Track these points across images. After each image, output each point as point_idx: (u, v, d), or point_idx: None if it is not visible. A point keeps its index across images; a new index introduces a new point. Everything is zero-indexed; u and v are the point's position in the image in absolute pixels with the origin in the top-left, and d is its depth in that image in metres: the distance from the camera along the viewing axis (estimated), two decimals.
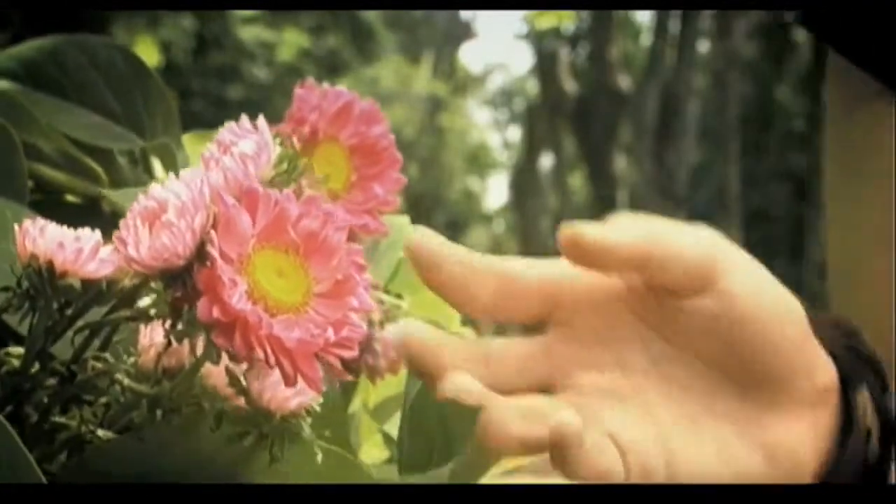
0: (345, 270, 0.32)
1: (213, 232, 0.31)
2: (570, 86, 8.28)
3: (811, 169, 6.19)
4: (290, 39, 8.96)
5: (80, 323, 0.37)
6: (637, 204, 7.35)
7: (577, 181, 10.09)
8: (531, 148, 10.27)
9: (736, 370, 0.33)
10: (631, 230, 0.33)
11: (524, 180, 10.00)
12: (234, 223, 0.31)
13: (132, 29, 6.74)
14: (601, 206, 7.52)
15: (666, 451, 0.31)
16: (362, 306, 0.32)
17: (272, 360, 0.30)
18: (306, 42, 9.18)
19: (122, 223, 0.33)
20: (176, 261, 0.31)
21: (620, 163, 7.88)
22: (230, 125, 0.39)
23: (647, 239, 0.33)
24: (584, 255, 0.33)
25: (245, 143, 0.38)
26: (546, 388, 0.33)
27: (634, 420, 0.32)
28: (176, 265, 0.32)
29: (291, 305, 0.32)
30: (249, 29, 8.65)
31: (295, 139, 0.40)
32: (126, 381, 0.37)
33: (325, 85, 0.42)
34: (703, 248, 0.34)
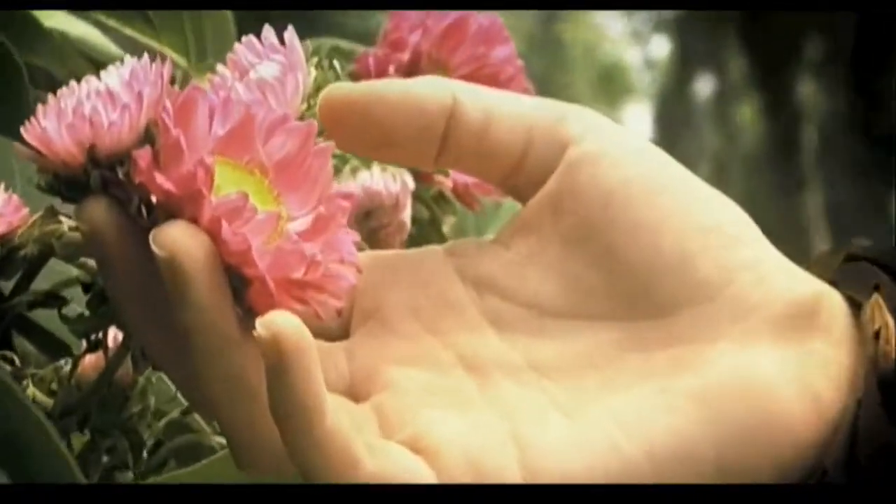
0: (328, 205, 0.31)
1: (168, 104, 0.30)
2: None
3: None
4: None
5: None
6: (829, 144, 7.24)
7: (747, 113, 9.97)
8: (683, 69, 10.16)
9: (628, 294, 0.32)
10: (436, 80, 0.34)
11: (673, 112, 9.91)
12: (193, 109, 0.30)
13: None
14: (779, 146, 7.42)
15: (517, 448, 0.30)
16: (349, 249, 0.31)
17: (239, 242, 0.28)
18: None
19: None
20: (107, 142, 0.30)
21: (806, 89, 7.76)
22: (249, 40, 0.38)
23: (462, 86, 0.34)
24: (351, 113, 0.33)
25: (266, 67, 0.37)
26: (349, 397, 0.32)
27: (471, 418, 0.31)
28: (109, 150, 0.30)
29: None
30: None
31: (392, 68, 0.40)
32: (20, 394, 0.36)
33: None
34: (543, 103, 0.34)
